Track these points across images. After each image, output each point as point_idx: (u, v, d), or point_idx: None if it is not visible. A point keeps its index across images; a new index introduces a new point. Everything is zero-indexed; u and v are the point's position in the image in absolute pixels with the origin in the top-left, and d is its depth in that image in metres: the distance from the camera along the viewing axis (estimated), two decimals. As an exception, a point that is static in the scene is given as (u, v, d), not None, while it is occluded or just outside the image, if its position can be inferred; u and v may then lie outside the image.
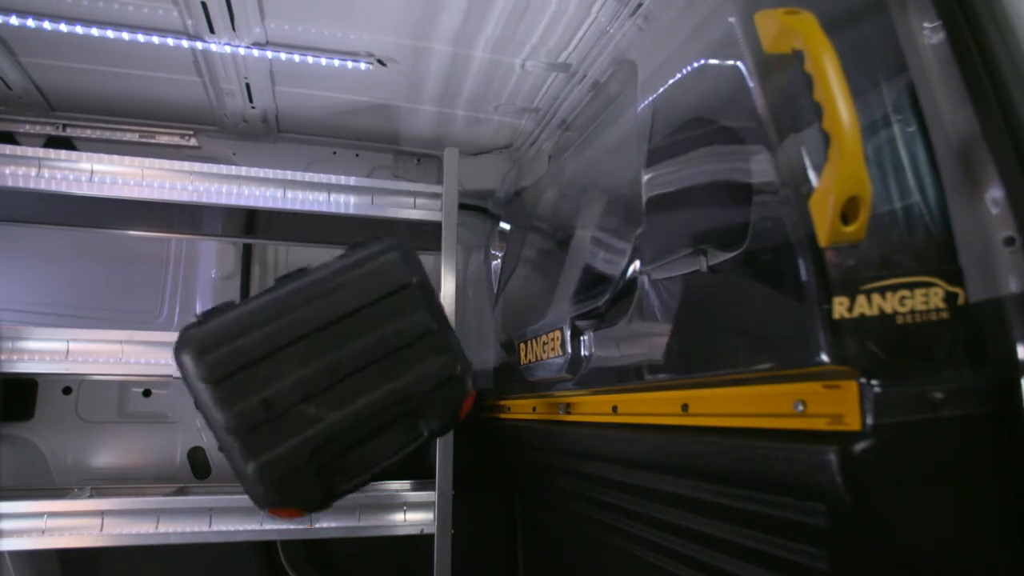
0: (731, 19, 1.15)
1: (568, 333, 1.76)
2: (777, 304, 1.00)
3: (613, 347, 1.60)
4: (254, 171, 2.02)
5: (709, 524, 1.20)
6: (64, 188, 1.85)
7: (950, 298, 0.93)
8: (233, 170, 2.03)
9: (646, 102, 1.50)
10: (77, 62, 2.12)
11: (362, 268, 1.50)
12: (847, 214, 0.84)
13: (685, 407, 1.23)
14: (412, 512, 2.00)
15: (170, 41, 1.97)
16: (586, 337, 1.71)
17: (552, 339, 1.88)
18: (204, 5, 1.81)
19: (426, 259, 2.82)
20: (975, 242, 0.93)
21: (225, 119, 2.51)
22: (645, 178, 1.44)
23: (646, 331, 1.42)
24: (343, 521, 1.95)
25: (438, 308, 1.58)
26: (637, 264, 1.51)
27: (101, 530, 1.77)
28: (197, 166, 1.96)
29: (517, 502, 2.64)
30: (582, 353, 1.72)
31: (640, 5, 1.70)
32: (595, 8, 1.79)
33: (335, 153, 2.78)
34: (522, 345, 2.13)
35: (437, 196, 2.16)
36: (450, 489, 2.01)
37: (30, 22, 1.86)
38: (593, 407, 1.63)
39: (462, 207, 2.38)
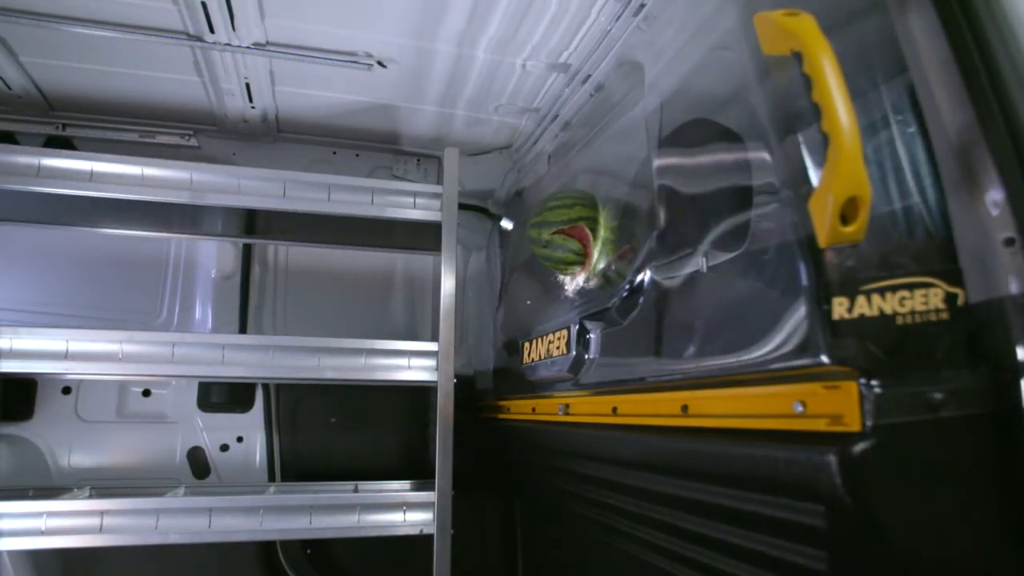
0: (731, 20, 1.15)
1: (567, 333, 1.76)
2: (777, 305, 1.00)
3: (614, 348, 1.60)
4: (254, 171, 2.02)
5: (709, 525, 1.20)
6: (64, 188, 1.85)
7: (950, 299, 0.93)
8: (233, 170, 2.03)
9: (655, 104, 1.49)
10: (77, 62, 2.12)
11: None
12: (846, 215, 0.84)
13: (685, 408, 1.23)
14: (412, 512, 2.00)
15: (170, 41, 1.97)
16: (587, 338, 1.71)
17: (553, 340, 1.88)
18: (204, 5, 1.80)
19: (426, 259, 2.87)
20: (975, 243, 0.93)
21: (225, 119, 2.51)
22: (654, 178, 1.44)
23: (646, 332, 1.42)
24: (343, 521, 1.95)
25: None
26: (638, 265, 1.50)
27: (101, 530, 1.77)
28: (197, 166, 1.97)
29: (517, 502, 2.64)
30: (584, 355, 1.71)
31: (642, 6, 1.70)
32: (595, 9, 1.79)
33: (335, 153, 2.78)
34: (526, 345, 2.13)
35: (437, 196, 2.16)
36: (450, 489, 2.01)
37: (30, 22, 1.86)
38: (593, 408, 1.63)
39: (462, 207, 2.38)
